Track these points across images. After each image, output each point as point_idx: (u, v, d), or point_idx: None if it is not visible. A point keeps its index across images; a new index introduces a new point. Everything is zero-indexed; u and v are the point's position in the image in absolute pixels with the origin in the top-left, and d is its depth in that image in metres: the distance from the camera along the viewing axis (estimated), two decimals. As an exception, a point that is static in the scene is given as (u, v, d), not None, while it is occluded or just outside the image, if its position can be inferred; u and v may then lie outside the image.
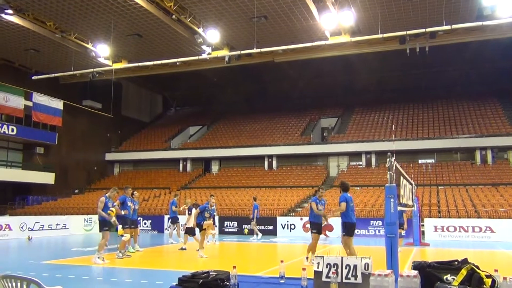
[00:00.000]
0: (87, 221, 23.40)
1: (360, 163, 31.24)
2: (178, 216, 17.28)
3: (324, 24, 20.74)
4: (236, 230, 22.80)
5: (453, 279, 5.37)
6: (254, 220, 19.40)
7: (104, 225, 11.52)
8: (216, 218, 23.42)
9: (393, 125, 31.63)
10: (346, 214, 9.70)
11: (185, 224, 15.18)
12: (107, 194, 11.80)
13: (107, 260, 11.39)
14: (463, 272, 5.32)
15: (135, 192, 14.43)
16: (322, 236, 21.31)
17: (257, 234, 19.68)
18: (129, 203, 12.90)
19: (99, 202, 11.45)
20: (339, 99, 38.64)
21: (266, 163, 33.18)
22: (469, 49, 29.09)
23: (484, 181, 25.93)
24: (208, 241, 16.26)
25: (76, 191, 32.96)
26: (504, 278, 5.54)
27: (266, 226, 22.58)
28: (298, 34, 23.35)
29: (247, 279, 7.96)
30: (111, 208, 11.65)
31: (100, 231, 11.61)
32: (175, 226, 17.47)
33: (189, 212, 15.06)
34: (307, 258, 10.62)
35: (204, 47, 23.93)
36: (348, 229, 9.69)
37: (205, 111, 43.49)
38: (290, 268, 9.49)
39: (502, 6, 18.85)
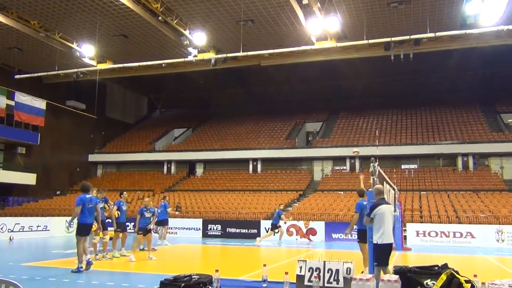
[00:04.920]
0: (68, 223, 23.06)
1: (344, 167, 31.41)
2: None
3: (311, 29, 20.86)
4: (220, 233, 22.71)
5: (433, 284, 5.45)
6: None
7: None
8: (200, 220, 23.41)
9: (377, 130, 31.89)
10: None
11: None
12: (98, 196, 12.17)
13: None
14: (443, 277, 5.41)
15: (124, 192, 14.31)
16: (305, 240, 21.52)
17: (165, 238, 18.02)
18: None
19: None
20: (324, 104, 38.81)
21: (251, 166, 33.16)
22: (453, 57, 29.54)
23: (465, 187, 26.30)
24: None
25: (58, 192, 32.46)
26: (483, 283, 5.63)
27: (250, 230, 22.56)
28: (285, 39, 23.45)
29: (230, 282, 7.95)
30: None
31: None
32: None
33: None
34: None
35: (190, 49, 23.89)
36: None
37: (190, 113, 43.31)
38: (272, 272, 9.51)
39: (484, 16, 19.19)
